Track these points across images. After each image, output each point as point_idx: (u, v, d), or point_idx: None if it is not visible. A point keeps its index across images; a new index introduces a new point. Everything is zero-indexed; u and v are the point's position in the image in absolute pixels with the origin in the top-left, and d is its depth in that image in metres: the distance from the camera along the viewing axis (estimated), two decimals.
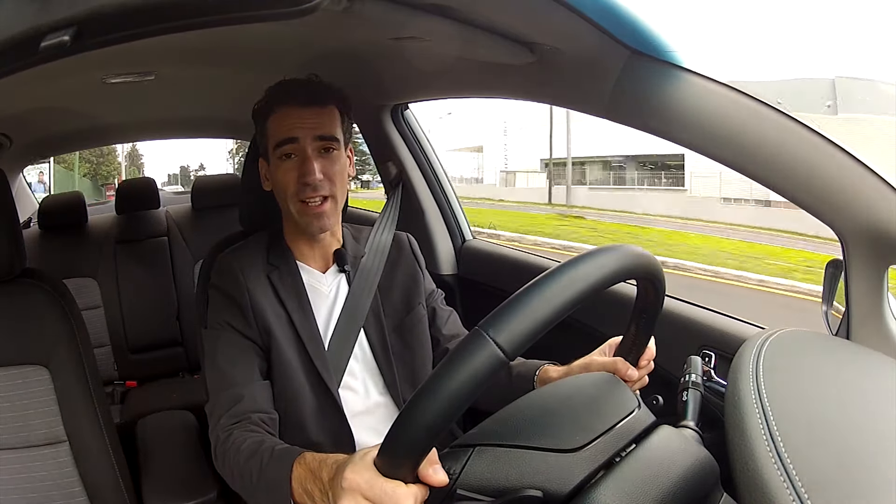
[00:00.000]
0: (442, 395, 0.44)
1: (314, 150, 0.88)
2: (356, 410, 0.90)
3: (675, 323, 0.97)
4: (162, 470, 1.19)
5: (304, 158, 0.87)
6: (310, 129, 0.88)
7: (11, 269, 0.98)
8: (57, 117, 1.63)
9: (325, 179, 0.87)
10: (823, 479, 0.39)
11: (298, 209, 0.89)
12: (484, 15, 0.76)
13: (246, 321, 0.88)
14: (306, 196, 0.87)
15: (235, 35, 1.01)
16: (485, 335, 0.44)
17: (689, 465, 0.53)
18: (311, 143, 0.88)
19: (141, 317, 1.97)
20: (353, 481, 0.49)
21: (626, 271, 0.52)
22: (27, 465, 0.94)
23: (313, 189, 0.87)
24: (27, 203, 2.45)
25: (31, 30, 0.43)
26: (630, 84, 0.76)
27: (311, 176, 0.86)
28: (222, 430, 0.80)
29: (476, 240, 1.59)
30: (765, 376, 0.48)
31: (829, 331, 0.77)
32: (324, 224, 0.89)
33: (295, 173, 0.87)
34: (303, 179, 0.87)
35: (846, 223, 0.67)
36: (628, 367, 0.73)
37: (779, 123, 0.68)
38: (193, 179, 3.42)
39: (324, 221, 0.89)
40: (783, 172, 0.68)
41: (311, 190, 0.87)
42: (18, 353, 0.96)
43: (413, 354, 0.95)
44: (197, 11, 0.49)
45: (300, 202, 0.88)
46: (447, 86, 1.26)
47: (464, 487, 0.51)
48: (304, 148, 0.87)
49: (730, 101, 0.70)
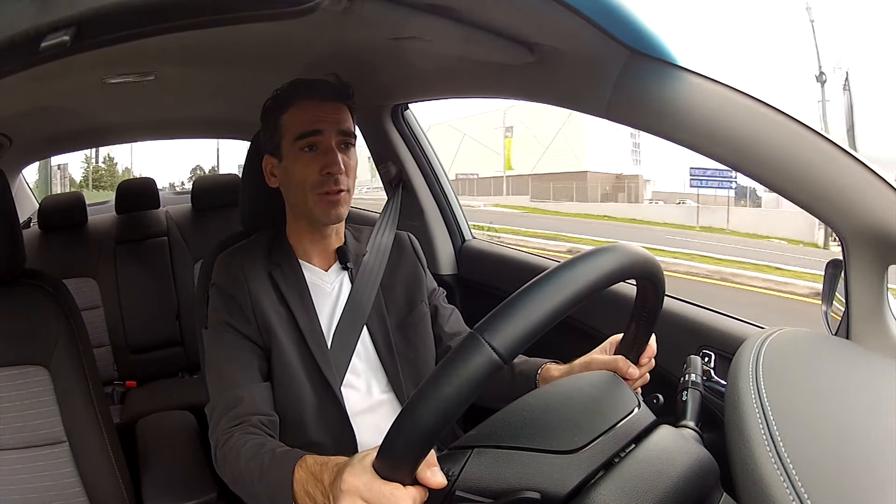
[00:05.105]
0: (439, 399, 0.44)
1: (336, 143, 0.89)
2: (358, 409, 0.90)
3: (675, 323, 0.97)
4: (162, 470, 1.19)
5: (327, 150, 0.88)
6: (333, 123, 0.89)
7: (11, 269, 0.98)
8: (57, 117, 1.63)
9: (344, 173, 0.89)
10: (823, 479, 0.39)
11: (316, 200, 0.89)
12: (484, 15, 0.76)
13: (246, 321, 0.88)
14: (328, 188, 0.88)
15: (235, 35, 1.01)
16: (481, 339, 0.44)
17: (688, 465, 0.53)
18: (334, 136, 0.89)
19: (141, 317, 1.97)
20: (352, 484, 0.49)
21: (623, 272, 0.52)
22: (27, 465, 0.94)
23: (335, 182, 0.88)
24: (27, 203, 2.45)
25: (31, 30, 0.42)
26: (630, 84, 0.76)
27: (336, 166, 0.88)
28: (222, 433, 0.80)
29: (476, 240, 1.59)
30: (765, 376, 0.48)
31: (829, 331, 0.76)
32: (340, 213, 0.90)
33: (317, 165, 0.88)
34: (327, 170, 0.88)
35: (846, 223, 0.67)
36: (629, 365, 0.73)
37: (779, 123, 0.68)
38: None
39: (340, 210, 0.90)
40: (783, 172, 0.68)
41: (332, 182, 0.88)
42: (18, 354, 0.96)
43: (416, 352, 0.95)
44: (197, 11, 0.49)
45: (319, 194, 0.89)
46: (447, 86, 1.26)
47: (462, 489, 0.51)
48: (329, 140, 0.89)
49: (730, 101, 0.70)
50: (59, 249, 1.95)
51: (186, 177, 18.13)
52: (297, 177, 0.90)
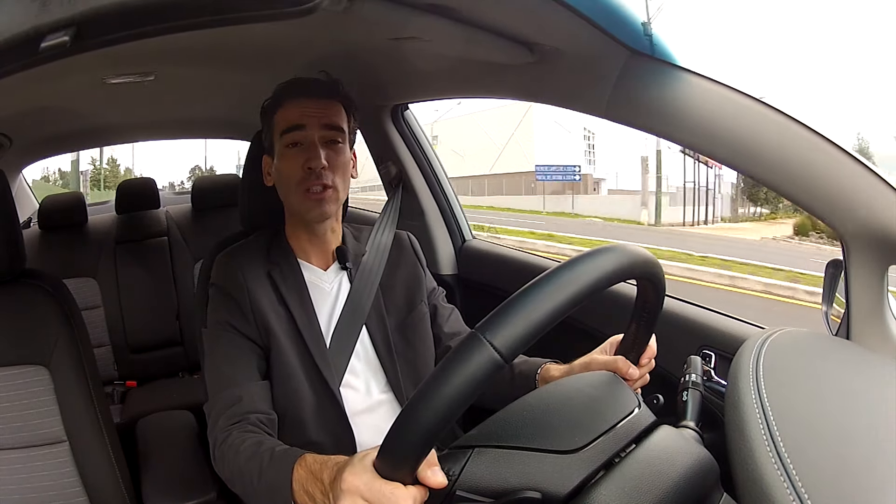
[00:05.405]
0: (440, 398, 0.44)
1: (320, 138, 0.89)
2: (357, 409, 0.90)
3: (675, 323, 0.97)
4: (162, 470, 1.19)
5: (310, 145, 0.88)
6: (316, 117, 0.89)
7: (11, 269, 0.98)
8: (57, 117, 1.63)
9: (328, 169, 0.88)
10: (823, 479, 0.39)
11: (301, 197, 0.89)
12: (484, 15, 0.77)
13: (245, 320, 0.88)
14: (310, 184, 0.88)
15: (235, 35, 1.01)
16: (482, 338, 0.44)
17: (689, 465, 0.53)
18: (317, 131, 0.89)
19: (141, 317, 1.97)
20: (352, 483, 0.49)
21: (623, 272, 0.52)
22: (27, 465, 0.94)
23: (317, 177, 0.87)
24: (27, 203, 2.45)
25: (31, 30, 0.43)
26: (630, 84, 0.76)
27: (317, 160, 0.87)
28: (221, 431, 0.80)
29: (476, 240, 1.59)
30: (765, 376, 0.48)
31: (829, 331, 0.76)
32: (325, 211, 0.89)
33: (300, 160, 0.88)
34: (308, 165, 0.87)
35: (846, 223, 0.67)
36: (629, 365, 0.73)
37: (779, 123, 0.68)
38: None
39: (325, 208, 0.89)
40: (783, 172, 0.68)
41: (315, 177, 0.87)
42: (18, 353, 0.96)
43: (416, 352, 0.95)
44: (197, 11, 0.49)
45: (304, 191, 0.88)
46: (447, 86, 1.26)
47: (463, 489, 0.51)
48: (311, 135, 0.89)
49: (730, 101, 0.70)
50: (59, 249, 1.95)
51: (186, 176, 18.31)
52: (284, 173, 0.90)
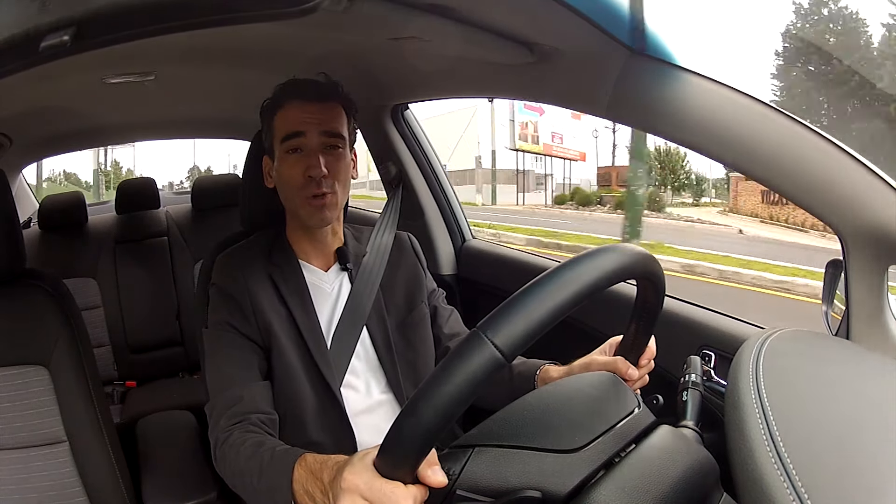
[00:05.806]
0: (441, 397, 0.44)
1: (320, 145, 0.89)
2: (357, 409, 0.90)
3: (675, 323, 0.97)
4: (162, 470, 1.19)
5: (310, 153, 0.88)
6: (316, 123, 0.89)
7: (11, 269, 0.98)
8: (57, 117, 1.63)
9: (329, 176, 0.88)
10: (823, 479, 0.39)
11: (301, 203, 0.90)
12: (483, 15, 0.77)
13: (246, 320, 0.88)
14: (310, 191, 0.88)
15: (235, 35, 1.01)
16: (483, 337, 0.44)
17: (688, 465, 0.53)
18: (317, 137, 0.89)
19: (141, 317, 1.97)
20: (352, 482, 0.49)
21: (624, 271, 0.52)
22: (27, 465, 0.94)
23: (317, 185, 0.88)
24: (27, 203, 2.45)
25: (31, 30, 0.43)
26: (630, 84, 0.76)
27: (317, 169, 0.87)
28: (222, 431, 0.80)
29: (476, 240, 1.59)
30: (765, 376, 0.48)
31: (829, 331, 0.76)
32: (325, 217, 0.90)
33: (301, 167, 0.88)
34: (308, 173, 0.88)
35: (846, 223, 0.67)
36: (629, 366, 0.73)
37: (779, 123, 0.68)
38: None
39: (325, 214, 0.90)
40: (783, 172, 0.68)
41: (315, 185, 0.88)
42: (18, 354, 0.96)
43: (416, 353, 0.95)
44: (197, 11, 0.49)
45: (305, 197, 0.89)
46: (447, 86, 1.26)
47: (463, 488, 0.51)
48: (311, 142, 0.89)
49: (729, 101, 0.70)
50: (59, 249, 1.95)
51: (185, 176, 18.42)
52: (284, 178, 0.91)
